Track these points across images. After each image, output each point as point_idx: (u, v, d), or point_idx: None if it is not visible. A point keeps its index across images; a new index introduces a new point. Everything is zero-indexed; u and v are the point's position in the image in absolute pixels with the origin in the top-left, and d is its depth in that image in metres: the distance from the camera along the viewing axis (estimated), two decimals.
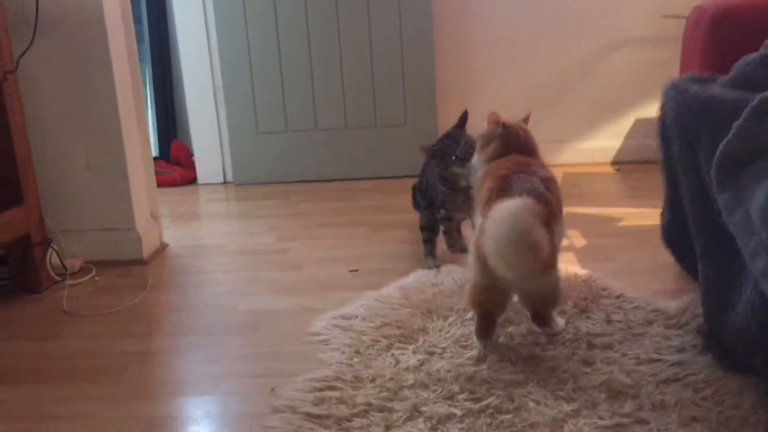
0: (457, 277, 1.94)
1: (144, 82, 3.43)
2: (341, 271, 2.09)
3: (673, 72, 3.12)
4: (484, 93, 3.18)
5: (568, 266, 1.99)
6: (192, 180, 3.31)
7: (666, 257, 2.03)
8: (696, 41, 1.79)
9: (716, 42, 1.73)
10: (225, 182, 3.29)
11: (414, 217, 2.26)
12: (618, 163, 3.17)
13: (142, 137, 2.34)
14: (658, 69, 3.08)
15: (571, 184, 2.89)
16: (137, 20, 3.43)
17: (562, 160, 3.19)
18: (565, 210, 2.59)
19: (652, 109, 3.13)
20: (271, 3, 3.06)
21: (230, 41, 3.11)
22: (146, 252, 2.26)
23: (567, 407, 1.30)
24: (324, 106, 3.15)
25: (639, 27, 3.05)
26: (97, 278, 2.12)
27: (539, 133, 3.12)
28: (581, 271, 1.95)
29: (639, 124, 3.15)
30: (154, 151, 3.48)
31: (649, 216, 2.42)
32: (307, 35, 3.08)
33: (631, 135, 3.16)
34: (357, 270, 2.09)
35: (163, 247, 2.39)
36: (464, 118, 2.05)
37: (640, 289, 1.82)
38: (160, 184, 3.24)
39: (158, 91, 3.42)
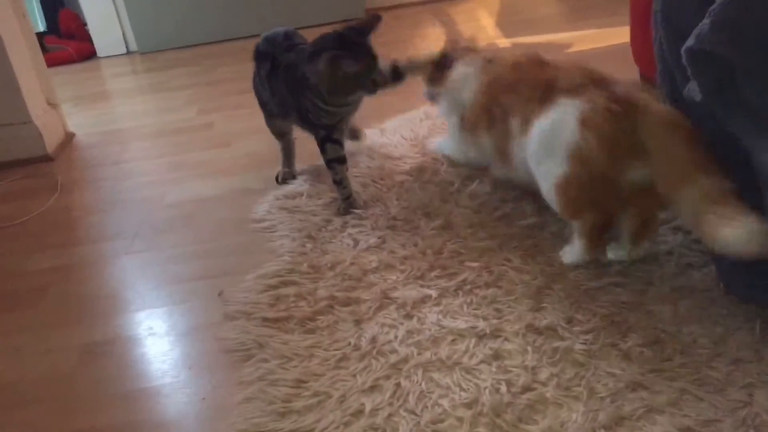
0: (405, 133, 1.76)
1: None
2: (274, 142, 1.87)
3: None
4: None
5: None
6: (91, 54, 2.94)
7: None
8: None
9: None
10: (128, 52, 2.93)
11: None
12: None
13: (17, 11, 1.97)
14: None
15: (512, 10, 2.67)
16: None
17: None
18: (512, 40, 2.39)
19: None
20: None
21: None
22: (50, 146, 1.98)
23: (549, 270, 1.18)
24: None
25: None
26: None
27: None
28: None
29: None
30: (41, 25, 3.06)
31: (597, 39, 2.25)
32: None
33: None
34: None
35: (69, 137, 2.10)
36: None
37: None
38: (54, 62, 2.87)
39: None
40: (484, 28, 2.54)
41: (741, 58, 0.91)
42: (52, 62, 2.86)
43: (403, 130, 1.78)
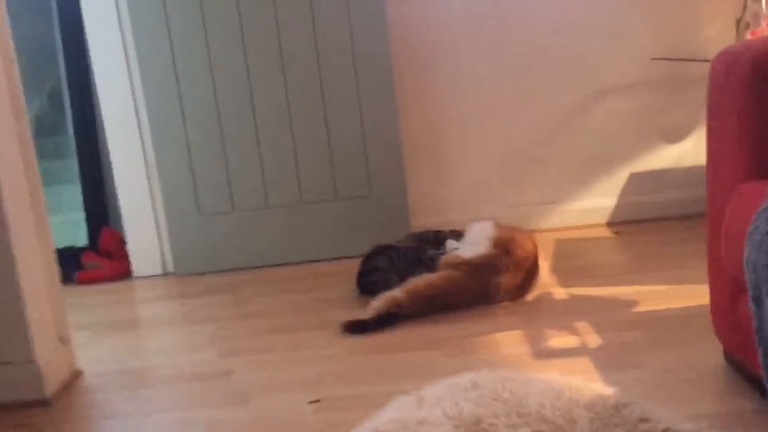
0: (448, 408, 1.50)
1: (69, 164, 2.99)
2: (298, 403, 1.63)
3: (668, 119, 2.79)
4: (459, 154, 2.79)
5: (587, 379, 1.57)
6: (126, 273, 2.84)
7: (710, 357, 1.62)
8: (731, 93, 1.40)
9: (760, 92, 1.34)
10: (165, 273, 2.83)
11: None
12: (614, 223, 2.77)
13: (44, 248, 1.87)
14: (651, 116, 2.74)
15: (567, 254, 2.49)
16: (60, 108, 3.01)
17: (552, 224, 2.79)
18: (565, 291, 2.19)
19: (647, 162, 2.77)
20: (206, 64, 2.65)
21: (162, 111, 2.69)
22: (51, 388, 1.78)
23: None
24: (275, 180, 2.73)
25: (628, 71, 2.70)
26: None
27: (524, 195, 2.75)
28: (606, 389, 1.51)
29: (635, 179, 2.77)
30: (83, 241, 3.01)
31: (667, 297, 2.02)
32: (251, 99, 2.68)
33: (626, 192, 2.78)
34: (318, 401, 1.63)
35: (76, 375, 1.90)
36: None
37: (691, 411, 1.40)
38: (87, 280, 2.79)
39: (86, 174, 2.96)
40: None
41: None
42: (85, 280, 2.79)
43: (447, 402, 1.52)
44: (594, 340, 1.80)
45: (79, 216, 3.01)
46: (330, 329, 2.05)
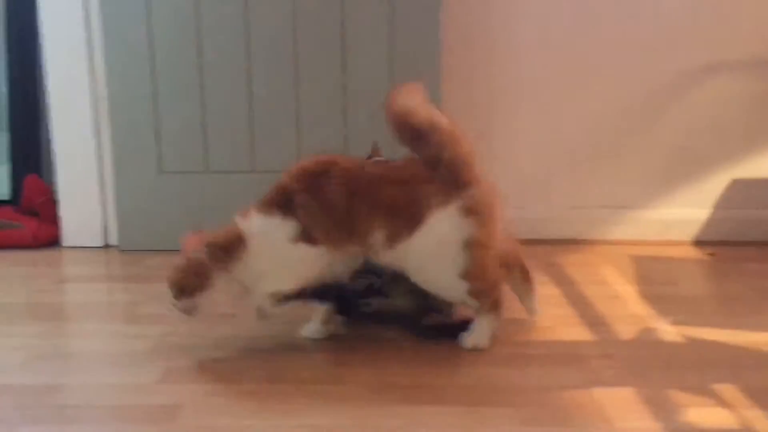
0: None
1: None
2: None
3: None
4: (509, 137, 2.14)
5: None
6: (51, 240, 2.13)
7: None
8: None
9: None
10: (106, 246, 2.13)
11: None
12: (705, 243, 2.13)
13: None
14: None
15: (655, 278, 1.84)
16: None
17: (622, 235, 2.15)
18: (676, 330, 1.53)
19: (757, 167, 2.14)
20: None
21: (123, 36, 2.00)
22: None
23: None
24: (266, 138, 2.06)
25: (739, 46, 2.07)
26: None
27: (589, 195, 2.12)
28: None
29: (738, 186, 2.14)
30: (6, 193, 2.30)
31: None
32: (245, 29, 1.99)
33: (725, 203, 2.14)
34: None
35: None
36: None
37: None
38: (3, 244, 2.08)
39: (17, 112, 2.24)
40: (621, 298, 1.69)
41: None
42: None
43: None
44: (760, 420, 1.14)
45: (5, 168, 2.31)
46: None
